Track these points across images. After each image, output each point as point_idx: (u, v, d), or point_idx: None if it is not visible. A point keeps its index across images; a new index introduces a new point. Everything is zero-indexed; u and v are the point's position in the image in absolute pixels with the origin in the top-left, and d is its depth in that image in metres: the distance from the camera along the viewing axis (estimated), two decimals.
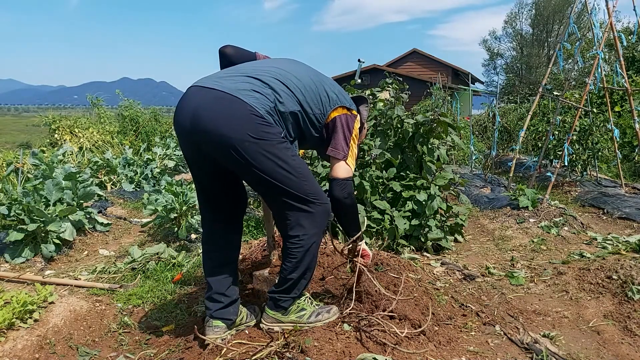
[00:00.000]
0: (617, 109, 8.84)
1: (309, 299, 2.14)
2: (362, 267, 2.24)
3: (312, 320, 2.04)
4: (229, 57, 2.12)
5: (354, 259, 2.24)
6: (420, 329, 2.13)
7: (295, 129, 1.98)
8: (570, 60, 15.78)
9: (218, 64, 2.16)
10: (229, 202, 2.09)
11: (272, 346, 1.86)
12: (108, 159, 6.41)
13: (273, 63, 2.05)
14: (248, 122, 1.77)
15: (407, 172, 4.00)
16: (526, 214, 4.69)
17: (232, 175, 2.03)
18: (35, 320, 2.41)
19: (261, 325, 2.07)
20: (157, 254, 3.38)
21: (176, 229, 3.89)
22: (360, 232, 2.16)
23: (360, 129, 2.21)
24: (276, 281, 2.08)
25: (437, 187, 3.71)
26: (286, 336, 1.92)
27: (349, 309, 2.15)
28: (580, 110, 5.58)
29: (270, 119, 1.83)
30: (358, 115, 2.13)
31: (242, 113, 1.78)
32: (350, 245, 2.21)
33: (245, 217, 3.79)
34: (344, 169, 2.02)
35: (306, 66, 2.12)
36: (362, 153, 3.97)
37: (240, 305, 2.14)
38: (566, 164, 5.86)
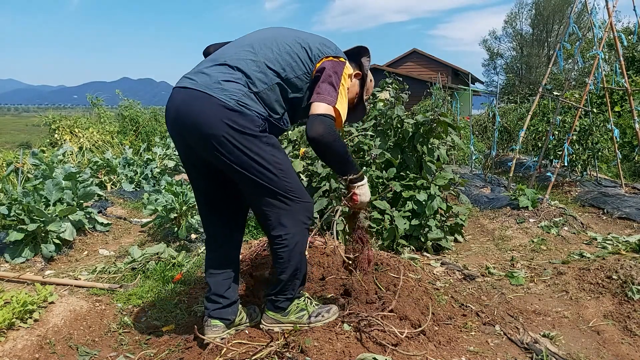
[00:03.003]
0: (617, 109, 8.84)
1: (309, 299, 2.13)
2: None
3: (312, 320, 2.03)
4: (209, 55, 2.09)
5: (348, 202, 2.09)
6: (420, 329, 2.13)
7: (281, 101, 1.90)
8: (570, 60, 15.78)
9: None
10: (226, 202, 2.08)
11: (272, 346, 1.86)
12: (108, 159, 6.40)
13: (243, 41, 1.98)
14: (221, 117, 1.75)
15: (407, 172, 4.00)
16: (526, 214, 4.69)
17: (225, 175, 2.00)
18: (35, 320, 2.41)
19: (261, 326, 2.07)
20: (157, 254, 3.38)
21: (176, 229, 3.89)
22: (351, 175, 1.99)
23: (364, 80, 2.10)
24: None
25: (437, 187, 3.71)
26: (286, 336, 1.92)
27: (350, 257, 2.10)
28: (580, 110, 5.58)
29: (244, 109, 1.77)
30: (347, 62, 1.98)
31: (214, 109, 1.76)
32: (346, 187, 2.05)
33: None
34: (323, 107, 1.83)
35: (280, 29, 2.04)
36: (362, 153, 3.97)
37: (240, 306, 2.14)
38: (566, 164, 5.86)
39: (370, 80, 2.19)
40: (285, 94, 1.90)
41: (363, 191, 2.05)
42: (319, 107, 1.83)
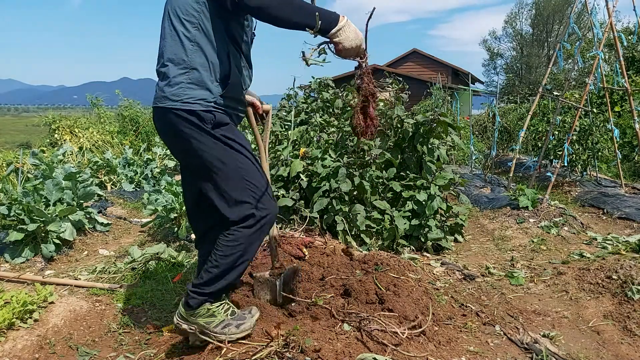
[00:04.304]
0: (617, 109, 8.84)
1: (227, 304, 2.02)
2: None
3: (218, 331, 1.92)
4: None
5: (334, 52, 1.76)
6: (420, 329, 2.13)
7: (217, 50, 1.81)
8: (570, 60, 15.79)
9: None
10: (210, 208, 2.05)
11: (272, 346, 1.86)
12: (108, 159, 6.41)
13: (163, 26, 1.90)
14: (175, 124, 1.83)
15: (407, 172, 4.00)
16: (526, 214, 4.69)
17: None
18: (35, 320, 2.41)
19: (174, 318, 2.02)
20: (157, 254, 3.38)
21: (176, 229, 3.89)
22: (322, 24, 1.63)
23: None
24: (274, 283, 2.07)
25: (437, 187, 3.71)
26: (286, 336, 1.92)
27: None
28: (580, 110, 5.58)
29: (192, 107, 1.78)
30: None
31: (167, 119, 1.84)
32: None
33: None
34: None
35: None
36: (362, 153, 3.98)
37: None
38: (566, 164, 5.86)
39: None
40: (211, 41, 1.80)
41: (344, 36, 1.68)
42: None
